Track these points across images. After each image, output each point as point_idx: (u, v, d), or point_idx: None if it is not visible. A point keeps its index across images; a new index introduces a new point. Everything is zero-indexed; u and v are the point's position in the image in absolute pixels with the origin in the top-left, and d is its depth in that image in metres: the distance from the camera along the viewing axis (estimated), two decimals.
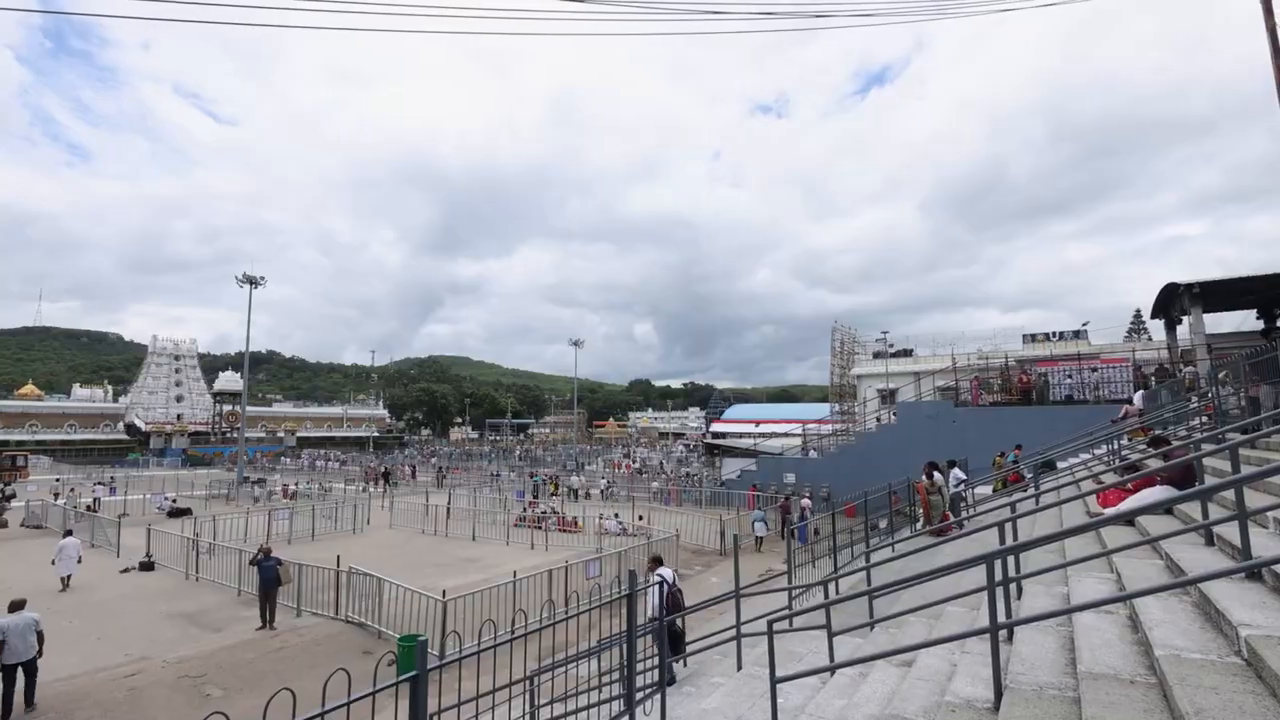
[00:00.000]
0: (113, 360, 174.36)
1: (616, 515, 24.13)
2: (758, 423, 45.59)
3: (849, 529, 14.33)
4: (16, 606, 9.78)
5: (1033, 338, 35.88)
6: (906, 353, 37.58)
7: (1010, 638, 4.89)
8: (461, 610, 11.06)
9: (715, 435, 48.95)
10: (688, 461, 61.40)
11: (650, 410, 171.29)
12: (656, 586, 7.19)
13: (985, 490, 16.41)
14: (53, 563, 16.44)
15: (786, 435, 36.34)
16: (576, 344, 65.02)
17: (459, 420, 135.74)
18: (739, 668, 7.18)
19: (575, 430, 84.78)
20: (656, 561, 8.67)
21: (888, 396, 33.66)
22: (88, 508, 27.99)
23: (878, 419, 30.48)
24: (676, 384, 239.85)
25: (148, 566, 18.30)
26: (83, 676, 10.46)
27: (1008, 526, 5.99)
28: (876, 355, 38.34)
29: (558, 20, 8.19)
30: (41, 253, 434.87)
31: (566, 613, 4.64)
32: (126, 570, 18.14)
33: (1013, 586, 5.76)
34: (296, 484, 40.57)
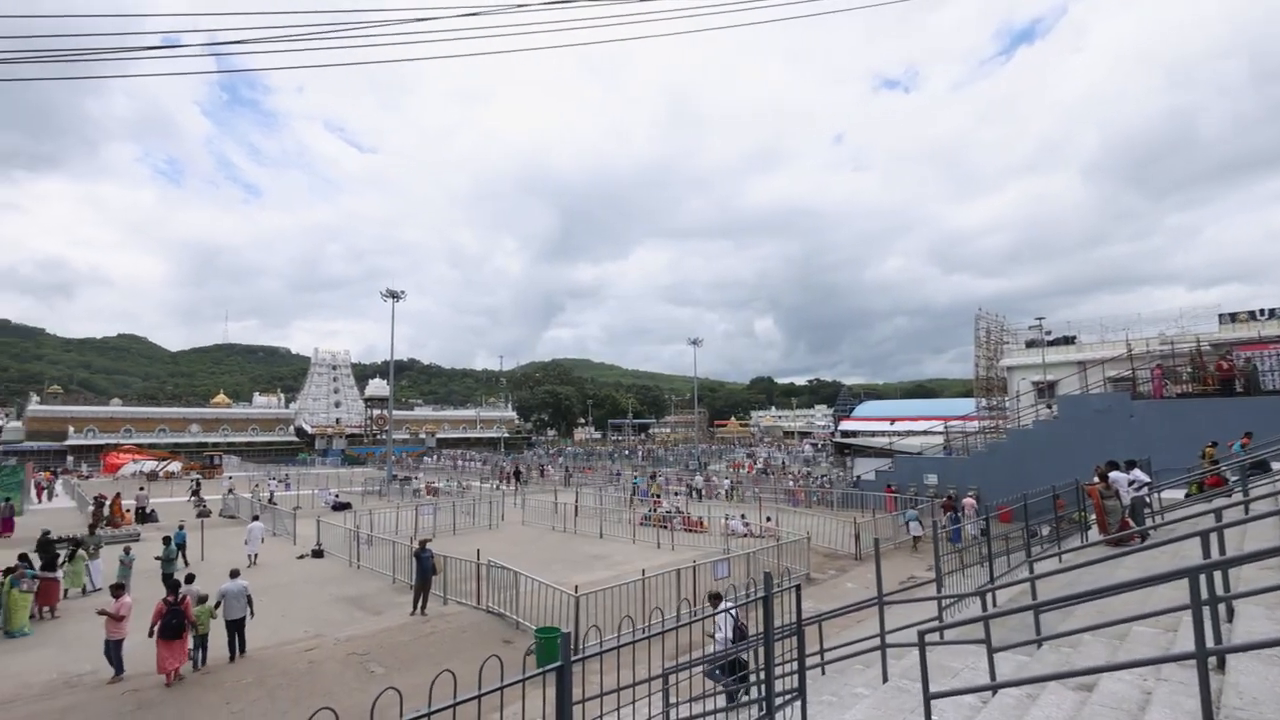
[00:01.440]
0: (283, 371, 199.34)
1: (743, 516, 23.86)
2: (893, 420, 43.06)
3: (1004, 535, 13.16)
4: (234, 574, 12.11)
5: (1233, 317, 30.83)
6: (1068, 340, 33.78)
7: (1221, 666, 4.26)
8: (593, 605, 11.47)
9: (845, 434, 46.84)
10: (815, 461, 59.40)
11: (773, 409, 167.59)
12: (726, 616, 7.14)
13: (1174, 495, 14.40)
14: (245, 543, 19.92)
15: (926, 433, 34.03)
16: (695, 343, 65.08)
17: (582, 421, 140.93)
18: (884, 679, 6.83)
19: (696, 429, 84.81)
20: (716, 598, 8.60)
21: (1045, 390, 30.49)
22: (269, 500, 32.34)
23: (1036, 414, 27.72)
24: (800, 381, 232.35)
25: (318, 554, 20.78)
26: (272, 648, 12.09)
27: (1212, 537, 5.19)
28: (1030, 344, 34.81)
29: (669, 20, 8.24)
30: (227, 279, 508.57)
31: (701, 612, 4.65)
32: (302, 557, 20.73)
33: (1221, 607, 5.01)
34: (438, 482, 44.19)
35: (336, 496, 35.72)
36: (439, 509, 26.23)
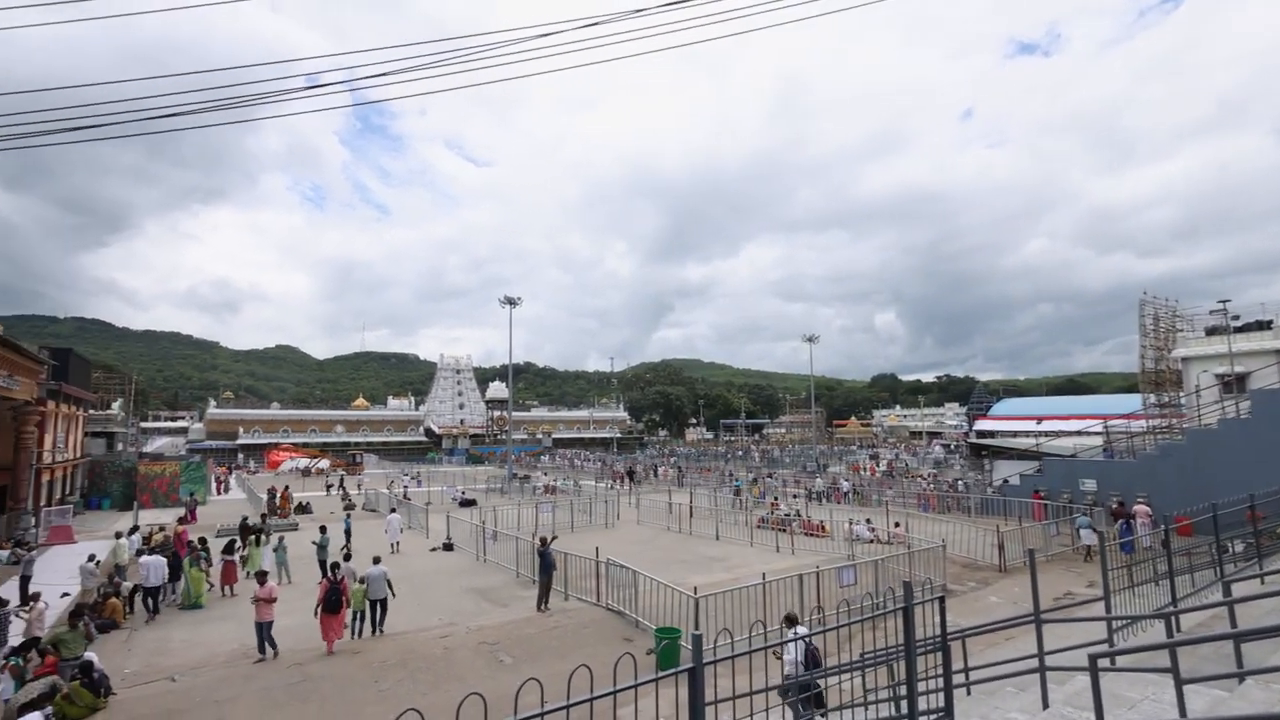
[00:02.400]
0: (413, 376, 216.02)
1: (868, 520, 22.78)
2: (1039, 419, 39.29)
3: (1186, 551, 11.58)
4: (376, 561, 13.85)
5: None
6: (1262, 325, 29.15)
7: None
8: (712, 607, 11.39)
9: (981, 434, 43.43)
10: (947, 464, 55.59)
11: (897, 407, 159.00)
12: (797, 642, 7.48)
13: None
14: (385, 532, 22.40)
15: (1080, 434, 30.76)
16: (811, 340, 63.06)
17: (693, 421, 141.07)
18: (1044, 705, 6.21)
19: (814, 429, 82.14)
20: (792, 620, 8.69)
21: (1233, 384, 26.56)
22: (403, 496, 35.13)
23: (1222, 412, 24.22)
24: (928, 378, 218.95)
25: (449, 547, 22.29)
26: (410, 634, 13.10)
27: None
28: (1212, 331, 30.41)
29: (776, 10, 8.00)
30: (363, 292, 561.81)
31: (838, 620, 4.45)
32: (434, 549, 22.33)
33: None
34: (556, 480, 45.96)
35: (463, 493, 38.15)
36: (557, 507, 27.22)
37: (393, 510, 24.63)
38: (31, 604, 12.43)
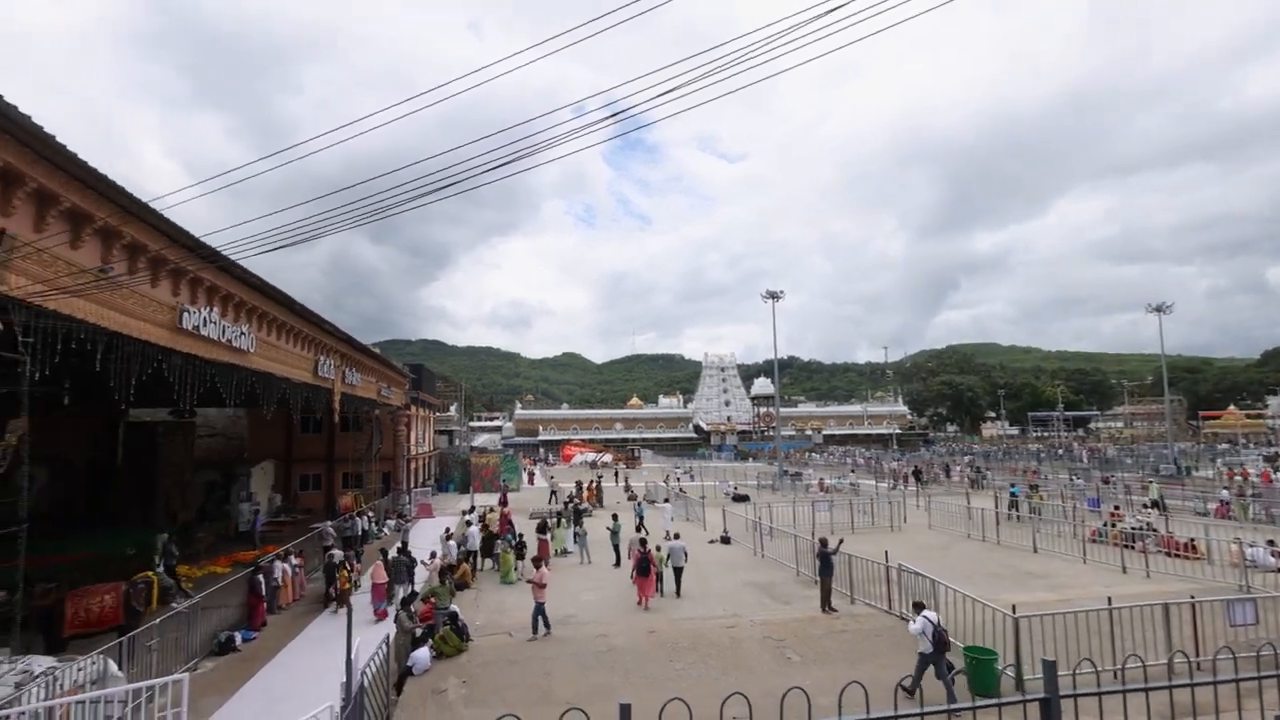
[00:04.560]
0: (679, 375, 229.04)
1: (1270, 542, 17.55)
2: None
3: None
4: (676, 536, 17.51)
5: None
6: None
7: None
8: (1037, 631, 9.82)
9: None
10: None
11: None
12: (928, 626, 8.98)
13: None
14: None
15: None
16: (1160, 309, 51.04)
17: (991, 414, 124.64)
18: None
19: (1168, 423, 66.07)
20: (919, 606, 10.01)
21: None
22: (679, 490, 37.33)
23: None
24: None
25: (726, 540, 23.00)
26: (697, 620, 13.80)
27: None
28: None
29: None
30: (630, 299, 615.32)
31: (1194, 663, 3.40)
32: (712, 542, 23.23)
33: None
34: (829, 479, 44.53)
35: (735, 488, 39.10)
36: (834, 506, 26.28)
37: (666, 500, 26.60)
38: (432, 557, 17.69)
